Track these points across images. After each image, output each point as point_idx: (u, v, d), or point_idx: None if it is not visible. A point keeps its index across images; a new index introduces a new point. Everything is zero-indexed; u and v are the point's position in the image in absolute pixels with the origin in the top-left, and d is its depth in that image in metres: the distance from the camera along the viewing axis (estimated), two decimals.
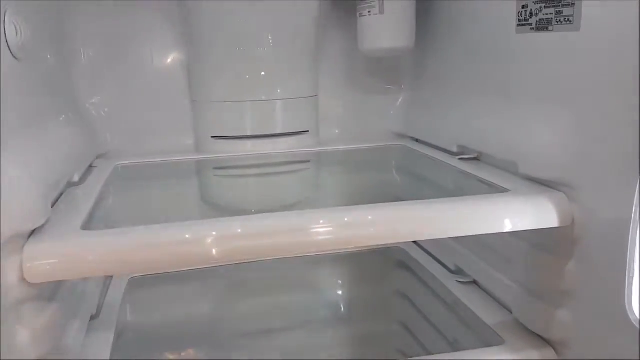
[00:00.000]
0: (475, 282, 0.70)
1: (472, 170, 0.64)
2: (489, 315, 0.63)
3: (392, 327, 0.88)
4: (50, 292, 0.47)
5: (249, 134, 0.81)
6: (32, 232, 0.43)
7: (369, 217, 0.48)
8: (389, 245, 0.88)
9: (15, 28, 0.49)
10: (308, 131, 0.83)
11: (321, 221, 0.47)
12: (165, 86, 0.83)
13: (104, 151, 0.80)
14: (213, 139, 0.81)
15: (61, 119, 0.66)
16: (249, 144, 0.81)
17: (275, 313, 0.88)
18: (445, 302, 0.74)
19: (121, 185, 0.69)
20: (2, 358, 0.40)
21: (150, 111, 0.82)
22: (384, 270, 0.91)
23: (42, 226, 0.44)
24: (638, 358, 0.43)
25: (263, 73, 0.80)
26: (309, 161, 0.84)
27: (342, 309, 0.92)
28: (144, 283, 0.79)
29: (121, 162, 0.75)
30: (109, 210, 0.57)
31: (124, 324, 0.70)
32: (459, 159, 0.68)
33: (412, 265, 0.84)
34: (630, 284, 0.44)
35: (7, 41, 0.47)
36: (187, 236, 0.44)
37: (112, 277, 0.77)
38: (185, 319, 0.82)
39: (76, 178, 0.61)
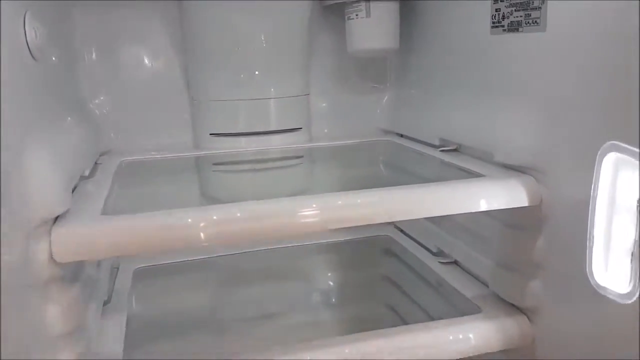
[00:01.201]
0: (455, 262, 0.76)
1: (452, 160, 0.70)
2: (468, 290, 0.69)
3: (380, 310, 0.94)
4: (72, 275, 0.52)
5: (244, 131, 0.86)
6: (56, 219, 0.48)
7: (358, 201, 0.54)
8: (376, 234, 0.94)
9: (34, 30, 0.53)
10: (301, 128, 0.88)
11: (314, 205, 0.52)
12: (165, 85, 0.88)
13: (107, 149, 0.84)
14: (211, 136, 0.86)
15: (70, 117, 0.71)
16: (245, 140, 0.86)
17: (271, 299, 0.93)
18: (428, 282, 0.80)
19: (128, 179, 0.73)
20: (34, 332, 0.45)
21: (150, 110, 0.87)
22: (372, 257, 0.97)
23: (65, 213, 0.49)
24: (599, 316, 0.49)
25: (257, 72, 0.85)
26: (302, 156, 0.90)
27: (333, 294, 0.98)
28: (148, 273, 0.83)
29: (125, 158, 0.80)
30: (121, 200, 0.62)
31: (133, 310, 0.74)
32: (441, 150, 0.74)
33: (398, 251, 0.90)
34: (591, 253, 0.50)
35: (27, 42, 0.52)
36: (199, 219, 0.49)
37: (118, 267, 0.82)
38: (187, 306, 0.87)
39: (86, 173, 0.66)
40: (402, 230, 0.92)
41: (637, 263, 0.45)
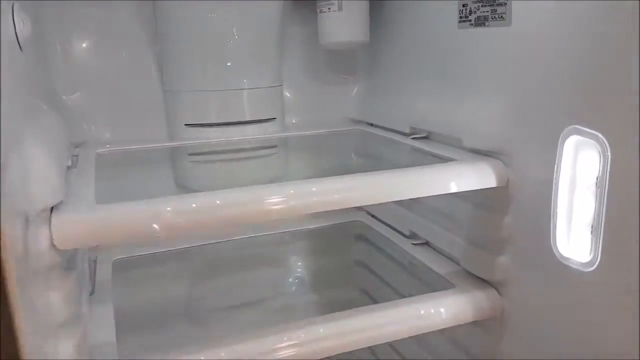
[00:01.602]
0: (427, 243, 0.80)
1: (423, 147, 0.74)
2: (440, 268, 0.73)
3: (354, 294, 0.98)
4: (68, 263, 0.53)
5: (219, 121, 0.88)
6: (53, 207, 0.49)
7: (333, 186, 0.57)
8: (349, 220, 0.98)
9: (22, 20, 0.53)
10: (275, 118, 0.91)
11: (292, 191, 0.55)
12: (138, 76, 0.88)
13: (81, 140, 0.85)
14: (186, 127, 0.88)
15: (46, 108, 0.71)
16: (219, 131, 0.88)
17: (247, 287, 0.95)
18: (401, 264, 0.85)
19: (108, 170, 0.74)
20: (38, 320, 0.46)
21: (123, 101, 0.88)
22: (346, 242, 1.01)
23: (60, 202, 0.50)
24: (563, 285, 0.54)
25: (229, 64, 0.87)
26: (276, 146, 0.92)
27: (309, 280, 1.01)
28: (127, 264, 0.84)
29: (100, 150, 0.81)
30: (108, 190, 0.63)
31: (117, 301, 0.76)
32: (412, 138, 0.79)
33: (371, 236, 0.94)
34: (555, 227, 0.54)
35: (16, 33, 0.52)
36: (193, 205, 0.51)
37: (96, 260, 0.83)
38: (169, 295, 0.88)
39: (69, 163, 0.67)
40: (374, 216, 0.96)
41: (596, 235, 0.50)
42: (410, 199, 0.82)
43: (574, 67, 0.51)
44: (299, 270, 1.02)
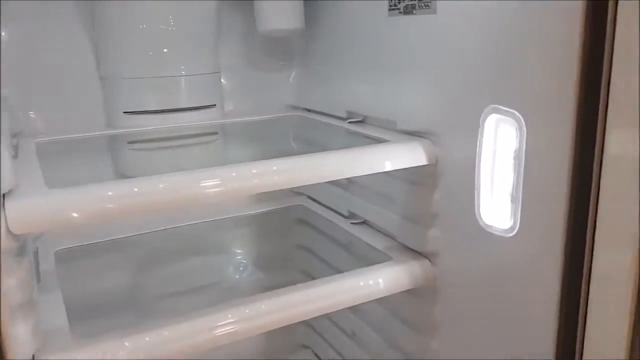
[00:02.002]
0: (365, 222, 0.85)
1: (359, 130, 0.79)
2: (378, 244, 0.78)
3: (297, 276, 1.02)
4: (21, 249, 0.54)
5: (158, 108, 0.89)
6: (4, 194, 0.50)
7: (274, 168, 0.60)
8: (290, 204, 1.02)
9: None
10: (215, 105, 0.93)
11: (234, 174, 0.58)
12: (75, 64, 0.87)
13: (18, 130, 0.83)
14: (125, 115, 0.88)
15: None
16: (159, 118, 0.89)
17: (191, 274, 0.97)
18: (341, 243, 0.89)
19: (50, 158, 0.74)
20: None
21: (61, 89, 0.87)
22: (287, 226, 1.04)
23: (12, 189, 0.51)
24: (487, 251, 0.61)
25: (166, 50, 0.88)
26: (216, 133, 0.94)
27: (251, 265, 1.04)
28: (70, 254, 0.84)
29: (39, 139, 0.80)
30: (53, 177, 0.64)
31: (64, 290, 0.76)
32: (348, 122, 0.83)
33: (311, 219, 0.99)
34: (479, 198, 0.60)
35: None
36: (135, 189, 0.53)
37: (37, 250, 0.82)
38: (115, 284, 0.89)
39: (13, 152, 0.67)
40: (314, 199, 1.00)
41: (515, 203, 0.56)
42: (348, 181, 0.87)
43: (492, 52, 0.57)
44: (242, 255, 1.04)
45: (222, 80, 0.97)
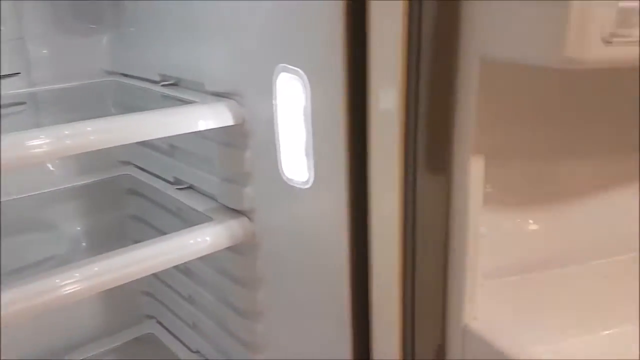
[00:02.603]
0: (191, 187, 0.85)
1: (171, 93, 0.78)
2: (202, 206, 0.79)
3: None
4: None
5: None
6: None
7: (88, 129, 0.60)
8: (117, 174, 0.99)
9: None
10: (19, 73, 0.86)
11: (41, 136, 0.57)
12: None
13: None
14: None
15: None
16: None
17: (24, 250, 0.92)
18: (170, 210, 0.89)
19: None
20: None
21: None
22: (117, 198, 1.01)
23: None
24: (291, 202, 0.64)
25: None
26: (25, 102, 0.88)
27: (85, 238, 1.00)
28: None
29: None
30: None
31: None
32: (161, 85, 0.81)
33: (139, 188, 0.97)
34: (280, 155, 0.63)
35: None
36: None
37: None
38: None
39: None
40: (142, 168, 0.97)
41: (309, 157, 0.59)
42: (171, 147, 0.86)
43: (280, 13, 0.58)
44: (75, 229, 1.00)
45: (28, 46, 0.89)
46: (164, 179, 0.91)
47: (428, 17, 0.45)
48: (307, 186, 0.61)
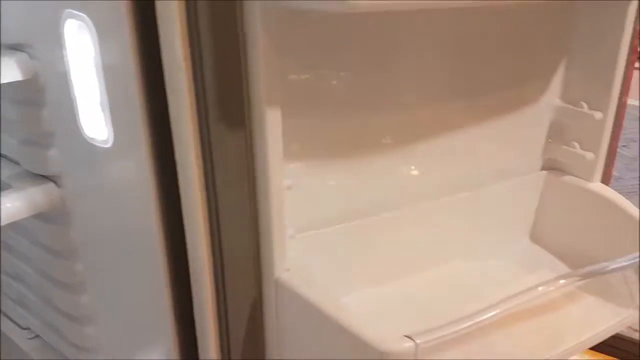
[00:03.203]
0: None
1: None
2: (5, 172, 0.71)
3: None
4: None
5: None
6: None
7: None
8: None
9: None
10: None
11: None
12: None
13: None
14: None
15: None
16: None
17: None
18: None
19: None
20: None
21: None
22: None
23: None
24: (94, 163, 0.59)
25: None
26: None
27: None
28: None
29: None
30: None
31: None
32: None
33: None
34: (78, 111, 0.57)
35: None
36: None
37: None
38: None
39: None
40: None
41: (106, 112, 0.54)
42: None
43: None
44: None
45: None
46: None
47: None
48: (108, 145, 0.56)
